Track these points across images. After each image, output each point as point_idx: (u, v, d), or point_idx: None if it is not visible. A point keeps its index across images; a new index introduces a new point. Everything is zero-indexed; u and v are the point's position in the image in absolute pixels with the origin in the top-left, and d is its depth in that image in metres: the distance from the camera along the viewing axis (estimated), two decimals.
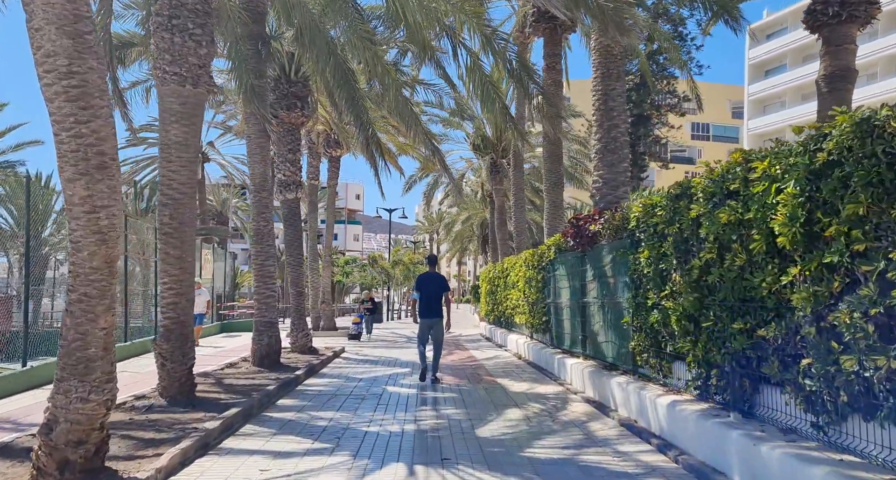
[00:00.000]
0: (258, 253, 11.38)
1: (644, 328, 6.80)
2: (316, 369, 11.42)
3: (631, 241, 7.25)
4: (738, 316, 4.70)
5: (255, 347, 11.13)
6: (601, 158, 10.72)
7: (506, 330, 17.92)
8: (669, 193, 5.97)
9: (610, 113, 10.60)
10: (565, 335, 10.81)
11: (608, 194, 10.61)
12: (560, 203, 16.60)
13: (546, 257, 12.11)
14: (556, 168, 16.45)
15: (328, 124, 19.10)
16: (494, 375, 10.93)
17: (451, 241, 54.03)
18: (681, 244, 5.75)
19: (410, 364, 12.67)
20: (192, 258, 7.51)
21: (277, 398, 8.19)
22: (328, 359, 12.93)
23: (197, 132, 7.52)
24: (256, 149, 11.38)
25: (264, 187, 11.46)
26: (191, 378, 7.46)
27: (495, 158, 31.07)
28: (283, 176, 14.19)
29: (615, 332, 8.00)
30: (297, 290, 14.40)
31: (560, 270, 11.01)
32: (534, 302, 13.28)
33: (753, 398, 4.82)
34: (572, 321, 10.30)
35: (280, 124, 14.12)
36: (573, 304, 10.18)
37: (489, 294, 21.29)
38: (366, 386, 9.51)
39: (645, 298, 6.73)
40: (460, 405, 7.93)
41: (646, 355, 6.85)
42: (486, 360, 13.68)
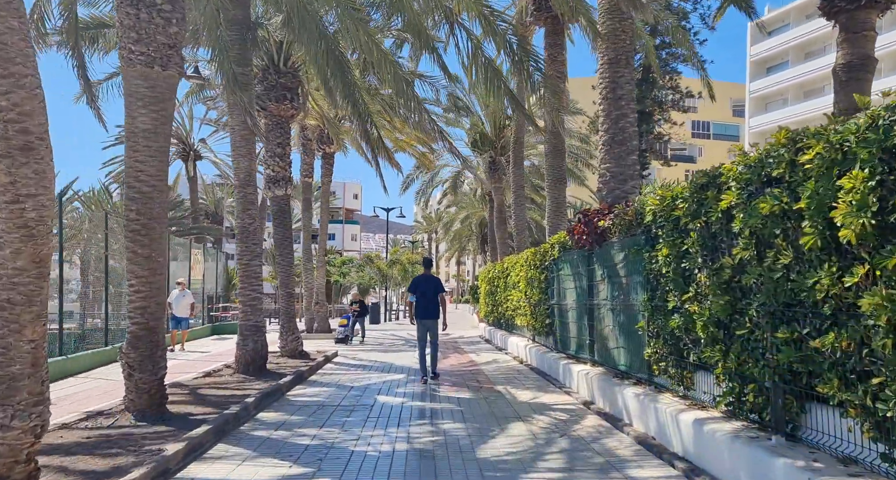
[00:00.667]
0: (243, 252, 10.69)
1: (662, 333, 6.12)
2: (304, 376, 10.72)
3: (646, 237, 6.57)
4: (783, 323, 4.01)
5: (239, 353, 10.44)
6: (608, 151, 10.04)
7: (506, 332, 17.24)
8: (693, 182, 5.29)
9: (618, 102, 9.91)
10: (571, 340, 10.13)
11: (616, 188, 9.92)
12: (563, 200, 15.91)
13: (549, 255, 11.44)
14: (559, 163, 15.77)
15: (321, 120, 18.40)
16: (495, 382, 10.25)
17: (449, 240, 53.34)
18: (707, 240, 5.07)
19: (406, 370, 11.98)
20: (162, 258, 6.81)
21: (258, 411, 7.49)
22: (318, 364, 12.23)
23: (167, 119, 6.82)
24: (241, 142, 10.69)
25: (249, 182, 10.77)
26: (161, 390, 6.77)
27: (494, 155, 30.41)
28: (271, 172, 13.50)
29: (628, 337, 7.32)
30: (287, 291, 13.71)
31: (565, 269, 10.33)
32: (536, 304, 12.60)
33: (799, 419, 4.14)
34: (579, 325, 9.63)
35: (269, 117, 13.43)
36: (579, 306, 9.50)
37: (488, 295, 20.61)
38: (357, 396, 8.82)
39: (663, 300, 6.05)
40: (458, 418, 7.25)
41: (664, 363, 6.17)
42: (486, 365, 13.00)
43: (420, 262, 59.36)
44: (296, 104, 13.48)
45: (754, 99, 57.51)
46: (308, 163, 22.98)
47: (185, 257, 20.91)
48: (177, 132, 29.47)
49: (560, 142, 15.76)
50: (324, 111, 17.82)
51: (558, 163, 15.76)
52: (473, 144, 31.21)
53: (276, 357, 13.20)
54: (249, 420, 7.08)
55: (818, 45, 50.60)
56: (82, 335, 13.60)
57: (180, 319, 15.03)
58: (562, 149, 15.83)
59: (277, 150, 13.49)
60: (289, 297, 13.73)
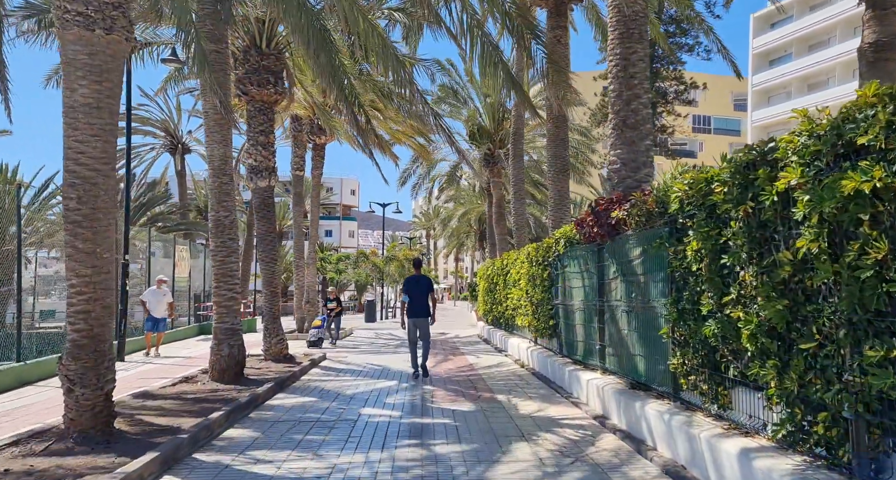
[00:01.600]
0: (218, 248, 9.75)
1: (693, 342, 5.19)
2: (286, 383, 9.79)
3: (671, 229, 5.64)
4: (873, 338, 3.09)
5: (214, 358, 9.50)
6: (619, 135, 9.10)
7: (506, 333, 16.32)
8: (736, 160, 4.35)
9: (629, 81, 8.97)
10: (577, 344, 9.21)
11: (627, 176, 8.99)
12: (566, 193, 14.98)
13: (553, 251, 10.51)
14: (561, 153, 14.82)
15: (311, 108, 17.44)
16: (495, 390, 9.33)
17: (447, 236, 52.41)
18: (755, 231, 4.14)
19: (398, 375, 11.06)
20: (109, 254, 5.87)
21: (224, 428, 6.56)
22: (304, 369, 11.30)
23: (114, 93, 5.87)
24: (215, 127, 9.73)
25: (224, 170, 9.81)
26: (108, 407, 5.83)
27: (493, 148, 29.46)
28: (253, 161, 12.54)
29: (647, 344, 6.39)
30: (271, 290, 12.76)
31: (571, 266, 9.40)
32: (538, 303, 11.68)
33: (888, 461, 3.22)
34: (587, 328, 8.70)
35: (250, 103, 12.47)
36: (588, 307, 8.57)
37: (487, 293, 19.69)
38: (340, 407, 7.89)
39: (694, 303, 5.12)
40: (453, 436, 6.33)
41: (693, 377, 5.24)
42: (485, 369, 12.08)
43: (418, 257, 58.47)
44: (280, 89, 12.52)
45: (757, 92, 56.57)
46: (299, 155, 22.04)
47: (169, 255, 19.96)
48: (163, 124, 28.47)
49: (563, 130, 14.81)
50: (313, 99, 16.85)
51: (561, 153, 14.82)
52: (471, 136, 30.25)
53: (259, 361, 12.28)
54: (213, 439, 6.15)
55: (822, 36, 49.67)
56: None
57: (158, 320, 14.06)
58: (564, 137, 14.88)
59: (260, 138, 12.53)
60: (272, 296, 12.79)
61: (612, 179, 9.26)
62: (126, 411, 6.97)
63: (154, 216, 26.95)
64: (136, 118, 26.86)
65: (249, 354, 13.21)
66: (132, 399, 8.09)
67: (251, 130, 12.56)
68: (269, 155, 12.60)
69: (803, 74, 50.91)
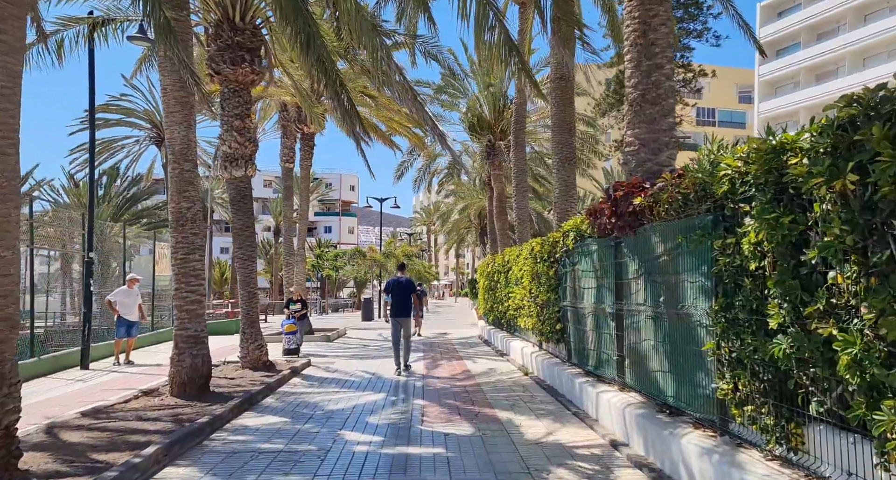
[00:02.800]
0: (179, 244, 8.56)
1: (750, 363, 4.00)
2: (257, 398, 8.61)
3: (716, 217, 4.45)
4: None
5: (173, 370, 8.32)
6: (637, 113, 7.90)
7: (507, 334, 15.14)
8: (828, 124, 3.15)
9: (650, 49, 7.76)
10: (589, 352, 8.02)
11: (647, 159, 7.79)
12: (572, 183, 13.78)
13: (560, 246, 9.32)
14: (567, 140, 13.61)
15: (296, 95, 16.23)
16: (496, 405, 8.15)
17: (447, 232, 51.22)
18: (861, 215, 2.94)
19: (388, 386, 9.89)
20: (10, 252, 4.68)
21: (162, 466, 5.37)
22: (282, 380, 10.12)
23: (14, 49, 4.66)
24: (175, 105, 8.53)
25: (186, 156, 8.62)
26: (7, 445, 4.65)
27: (493, 140, 28.26)
28: (227, 148, 11.34)
29: (680, 359, 5.20)
30: (249, 291, 11.57)
31: (582, 263, 8.20)
32: (543, 304, 10.50)
33: None
34: (601, 335, 7.51)
35: (224, 83, 11.27)
36: (602, 310, 7.38)
37: (488, 291, 18.50)
38: (313, 431, 6.71)
39: (752, 312, 3.94)
40: (443, 472, 5.15)
41: (751, 408, 4.05)
42: (485, 376, 10.91)
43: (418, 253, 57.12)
44: (256, 68, 11.30)
45: (763, 83, 55.22)
46: (288, 146, 20.89)
47: (149, 252, 18.79)
48: (149, 116, 27.22)
49: (569, 114, 13.60)
50: (297, 83, 15.63)
51: (566, 139, 13.61)
52: (471, 128, 29.03)
53: (236, 369, 11.12)
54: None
55: (831, 25, 48.33)
56: None
57: (131, 324, 12.73)
58: (571, 122, 13.67)
59: (235, 122, 11.32)
60: (250, 297, 11.60)
61: (629, 162, 8.06)
62: (48, 441, 5.80)
63: (140, 212, 25.80)
64: (118, 109, 25.72)
65: (227, 360, 12.09)
66: (78, 419, 6.94)
67: (225, 113, 11.36)
68: (245, 142, 11.39)
69: (812, 64, 49.58)
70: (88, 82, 12.27)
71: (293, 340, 13.76)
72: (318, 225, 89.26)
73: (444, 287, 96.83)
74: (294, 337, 13.75)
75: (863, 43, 43.90)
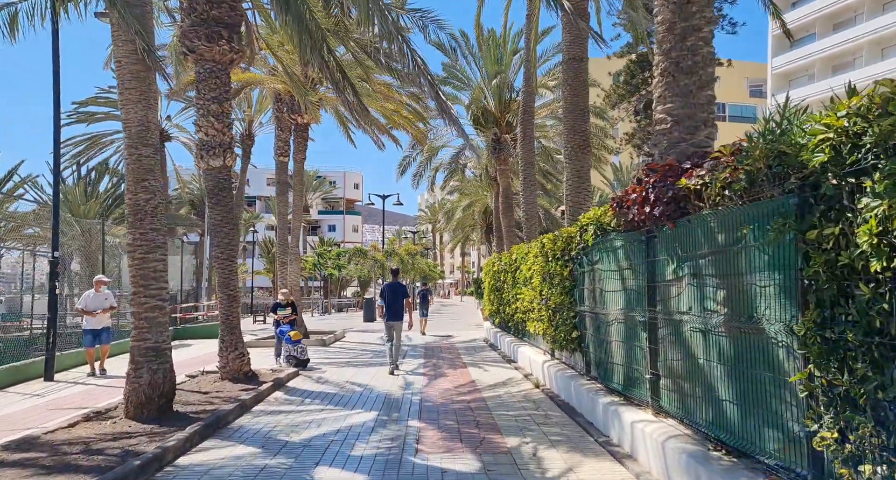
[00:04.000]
0: (137, 241, 7.40)
1: (870, 404, 2.81)
2: (228, 418, 7.45)
3: (805, 199, 3.26)
4: None
5: (129, 388, 7.17)
6: (670, 84, 6.70)
7: (515, 339, 13.97)
8: None
9: (686, 7, 6.55)
10: (614, 367, 6.83)
11: (681, 139, 6.60)
12: (586, 173, 12.58)
13: (577, 242, 8.14)
14: (581, 126, 12.40)
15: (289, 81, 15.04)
16: (504, 428, 6.96)
17: (452, 230, 50.01)
18: None
19: (381, 402, 8.72)
20: None
21: None
22: (259, 395, 8.96)
23: None
24: (131, 81, 7.38)
25: (145, 139, 7.46)
26: None
27: (499, 133, 27.06)
28: (205, 135, 10.19)
29: (746, 386, 4.01)
30: (228, 293, 10.42)
31: (604, 262, 7.00)
32: (557, 308, 9.32)
33: None
34: (629, 347, 6.32)
35: (199, 62, 10.12)
36: (632, 318, 6.19)
37: (493, 291, 17.32)
38: (282, 468, 5.54)
39: (877, 333, 2.75)
40: None
41: (870, 468, 2.86)
42: (490, 389, 9.73)
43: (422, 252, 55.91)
44: (236, 46, 10.15)
45: (776, 76, 53.75)
46: (283, 139, 19.73)
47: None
48: None
49: (582, 97, 12.40)
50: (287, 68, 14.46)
51: (580, 125, 12.39)
52: (475, 120, 27.83)
53: (213, 381, 9.99)
54: None
55: (848, 14, 46.85)
56: None
57: (99, 331, 11.56)
58: (584, 107, 12.45)
59: (212, 106, 10.17)
60: (230, 301, 10.45)
61: (659, 143, 6.86)
62: None
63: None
64: (106, 102, 24.62)
65: (206, 370, 10.95)
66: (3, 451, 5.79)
67: (200, 96, 10.20)
68: (223, 128, 10.23)
69: (827, 55, 48.13)
70: (53, 65, 11.15)
71: (301, 349, 12.15)
72: (322, 224, 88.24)
73: (450, 286, 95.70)
74: (301, 346, 12.18)
75: (881, 32, 42.45)
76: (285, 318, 12.89)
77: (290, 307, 13.28)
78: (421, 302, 23.33)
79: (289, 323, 12.80)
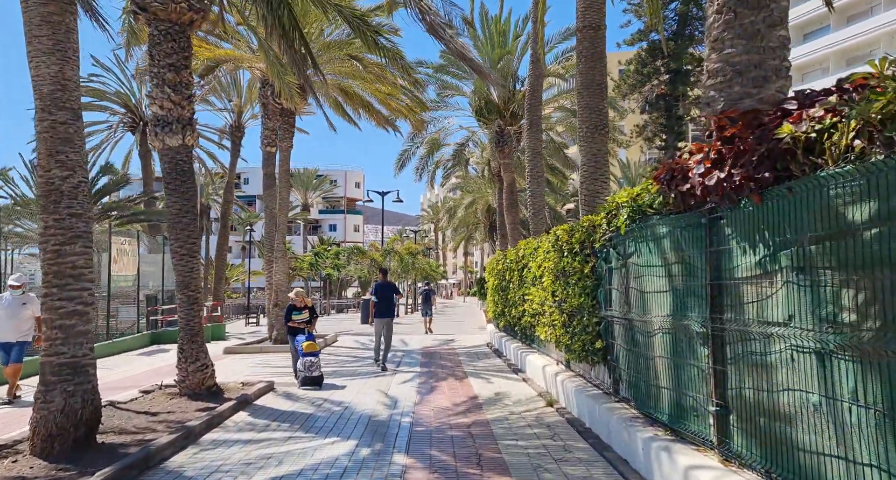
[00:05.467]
0: (50, 229, 5.87)
1: None
2: (165, 453, 5.91)
3: None
4: None
5: (36, 416, 5.65)
6: (729, 22, 5.14)
7: (522, 345, 12.45)
8: None
9: None
10: (657, 390, 5.28)
11: (744, 94, 5.04)
12: (604, 156, 11.01)
13: (601, 232, 6.62)
14: (598, 103, 10.84)
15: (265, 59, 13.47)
16: (513, 468, 5.42)
17: (454, 228, 48.45)
18: None
19: (363, 428, 7.19)
20: None
21: None
22: (219, 416, 7.43)
23: None
24: (41, 26, 5.85)
25: (61, 102, 5.93)
26: None
27: (503, 125, 25.54)
28: (159, 109, 8.68)
29: None
30: (189, 295, 8.88)
31: (643, 254, 5.45)
32: (574, 312, 7.79)
33: None
34: (681, 366, 4.77)
35: (153, 23, 8.61)
36: (684, 328, 4.64)
37: (498, 291, 15.78)
38: None
39: None
40: None
41: None
42: (496, 407, 8.20)
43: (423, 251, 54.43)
44: (195, 4, 8.65)
45: None
46: (270, 128, 18.22)
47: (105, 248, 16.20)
48: (122, 99, 24.64)
49: (599, 70, 10.83)
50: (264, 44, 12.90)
51: (597, 103, 10.84)
52: (478, 112, 26.27)
53: (169, 398, 8.49)
54: None
55: (863, 5, 45.26)
56: None
57: (11, 346, 9.15)
58: (601, 82, 10.89)
59: (168, 75, 8.65)
60: (190, 304, 8.93)
61: (713, 102, 5.30)
62: None
63: (111, 205, 23.24)
64: (88, 91, 23.16)
65: (163, 384, 9.43)
66: None
67: (155, 64, 8.68)
68: (182, 100, 8.72)
69: (842, 48, 46.56)
70: None
71: (313, 364, 10.00)
72: (323, 223, 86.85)
73: (453, 287, 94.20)
74: (313, 360, 10.05)
75: None
76: (302, 323, 10.79)
77: (310, 310, 11.01)
78: (424, 302, 23.44)
79: (304, 331, 10.69)
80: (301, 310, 10.90)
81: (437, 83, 26.49)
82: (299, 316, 10.87)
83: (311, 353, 10.15)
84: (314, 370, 10.04)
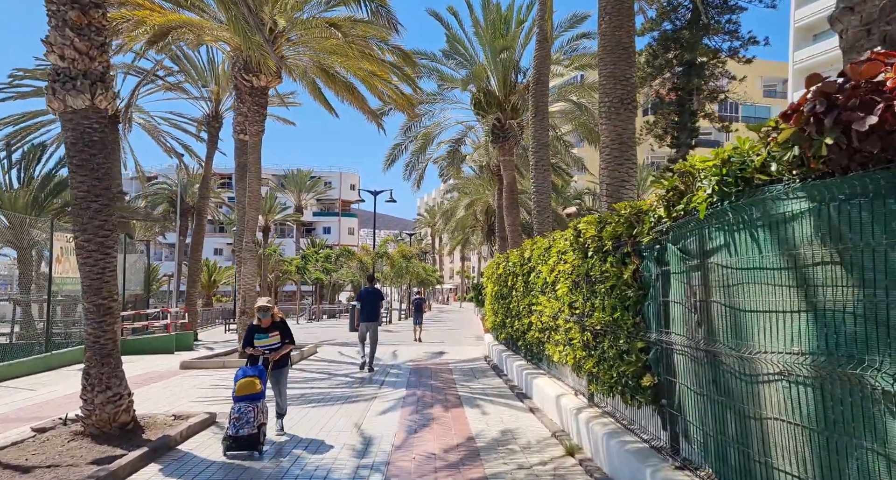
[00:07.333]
0: None
1: None
2: None
3: None
4: None
5: None
6: None
7: (528, 364, 10.41)
8: None
9: None
10: (770, 472, 3.21)
11: None
12: (630, 137, 9.00)
13: (648, 221, 4.60)
14: (625, 71, 8.83)
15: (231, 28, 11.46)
16: None
17: (450, 231, 46.39)
18: None
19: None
20: None
21: None
22: (116, 473, 5.34)
23: None
24: None
25: None
26: None
27: (503, 118, 23.53)
28: (59, 59, 6.64)
29: None
30: (99, 303, 6.80)
31: (742, 249, 3.37)
32: (605, 330, 5.74)
33: None
34: (831, 444, 2.70)
35: None
36: (854, 380, 2.57)
37: (497, 299, 13.73)
38: None
39: None
40: None
41: None
42: (498, 456, 6.14)
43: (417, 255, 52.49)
44: None
45: (798, 71, 50.39)
46: (244, 113, 16.16)
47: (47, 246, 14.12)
48: None
49: (626, 32, 8.83)
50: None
51: (623, 70, 8.82)
52: (477, 104, 24.26)
53: (67, 440, 6.43)
54: None
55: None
56: None
57: None
58: (629, 44, 8.88)
59: (71, 13, 6.61)
60: (102, 315, 6.84)
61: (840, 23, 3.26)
62: None
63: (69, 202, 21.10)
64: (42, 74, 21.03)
65: (67, 418, 7.32)
66: None
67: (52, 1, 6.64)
68: (90, 49, 6.68)
69: None
70: None
71: (247, 415, 6.26)
72: (316, 226, 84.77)
73: (449, 292, 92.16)
74: (250, 408, 6.32)
75: None
76: (268, 350, 7.02)
77: (279, 328, 7.17)
78: (415, 310, 23.28)
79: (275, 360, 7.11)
80: (267, 332, 7.09)
81: (436, 75, 24.56)
82: (263, 341, 7.05)
83: (248, 397, 6.40)
84: (244, 427, 6.18)
